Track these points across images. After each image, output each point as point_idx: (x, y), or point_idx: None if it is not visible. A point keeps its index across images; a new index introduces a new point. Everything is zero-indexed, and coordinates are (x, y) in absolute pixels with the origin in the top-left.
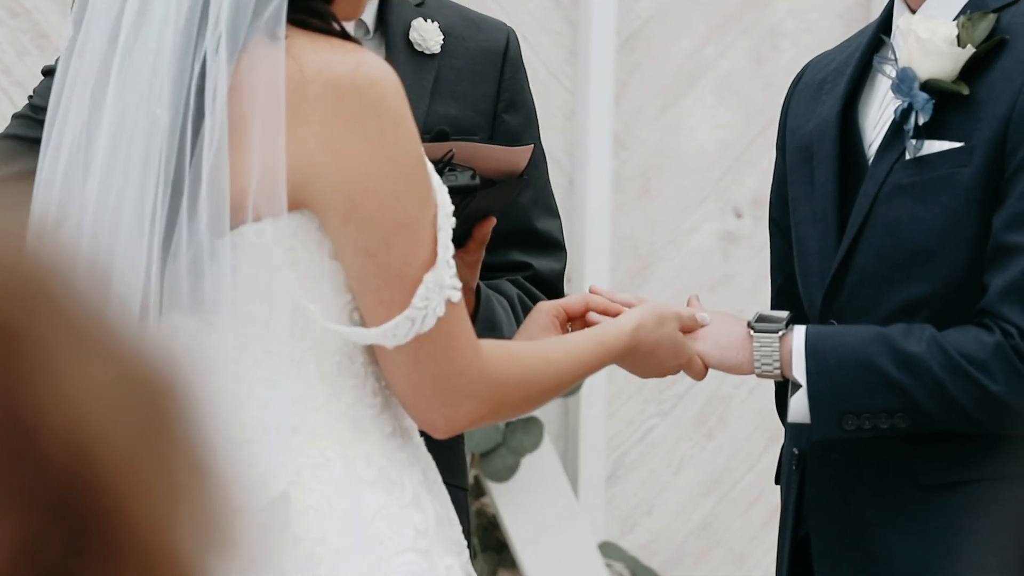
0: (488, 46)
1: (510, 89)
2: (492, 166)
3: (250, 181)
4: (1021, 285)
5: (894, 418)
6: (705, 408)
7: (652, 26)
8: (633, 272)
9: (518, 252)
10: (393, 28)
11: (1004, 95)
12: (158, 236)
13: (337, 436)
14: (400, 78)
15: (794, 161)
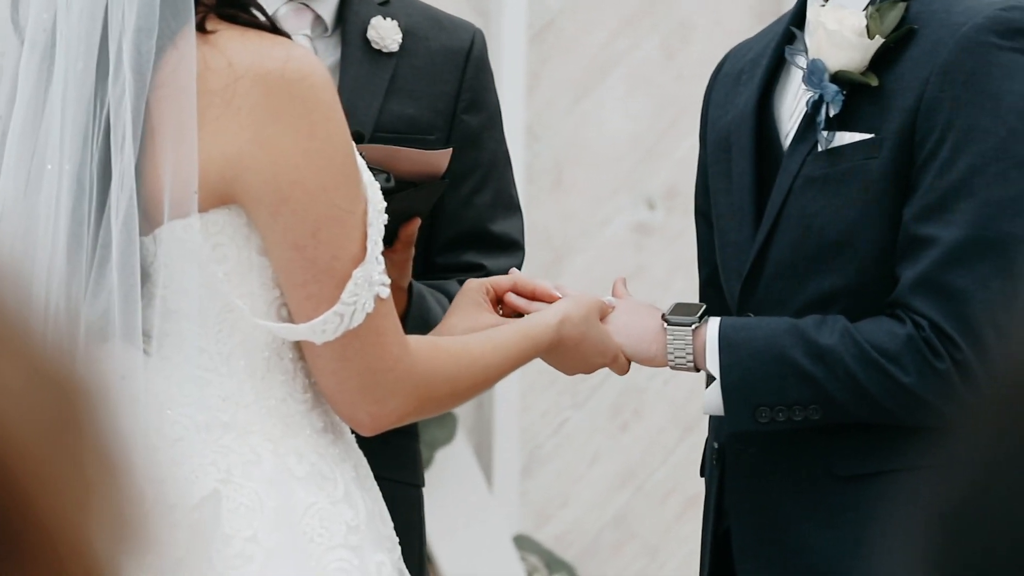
0: (451, 46)
1: (472, 89)
2: (411, 168)
3: (167, 182)
4: (932, 277)
5: (807, 410)
6: (619, 400)
7: (563, 18)
8: (547, 264)
9: (472, 254)
10: (351, 26)
11: (912, 86)
12: (65, 236)
13: (268, 433)
14: (355, 76)
15: (714, 152)
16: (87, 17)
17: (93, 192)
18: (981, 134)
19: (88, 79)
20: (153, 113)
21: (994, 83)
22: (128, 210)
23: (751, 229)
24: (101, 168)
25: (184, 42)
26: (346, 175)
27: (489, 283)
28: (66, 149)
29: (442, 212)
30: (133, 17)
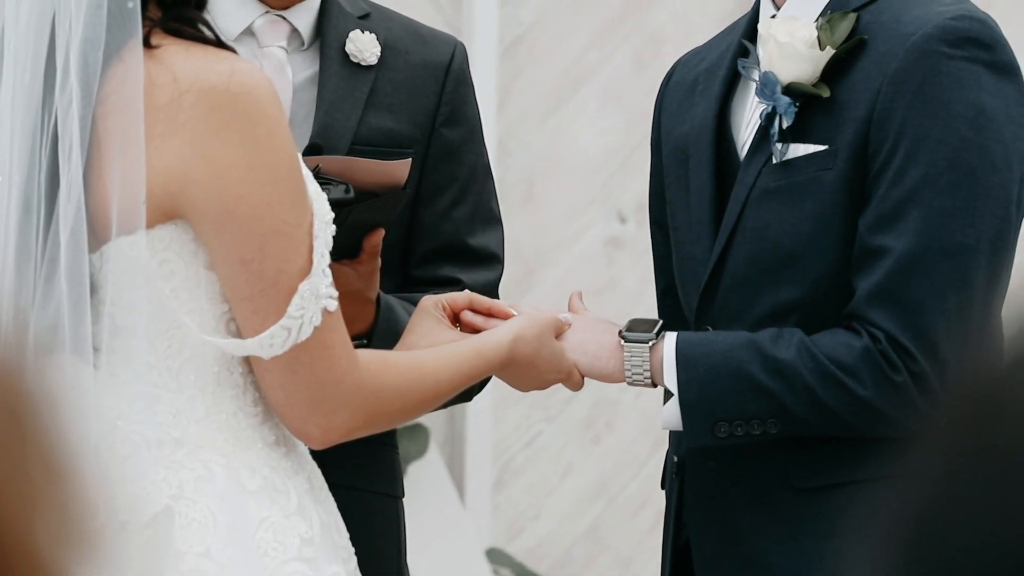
0: (431, 60)
1: (451, 103)
2: (371, 179)
3: (114, 196)
4: (887, 288)
5: (766, 424)
6: (591, 413)
7: (535, 32)
8: (518, 277)
9: (450, 267)
10: (329, 40)
11: (864, 96)
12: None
13: (219, 447)
14: (333, 89)
15: (670, 163)
16: (34, 27)
17: (41, 203)
18: (932, 143)
19: (35, 90)
20: (99, 127)
21: (944, 92)
22: (76, 221)
23: (709, 241)
24: (49, 179)
25: (130, 56)
26: (291, 188)
27: (444, 299)
28: (15, 160)
29: (420, 225)
30: (80, 28)
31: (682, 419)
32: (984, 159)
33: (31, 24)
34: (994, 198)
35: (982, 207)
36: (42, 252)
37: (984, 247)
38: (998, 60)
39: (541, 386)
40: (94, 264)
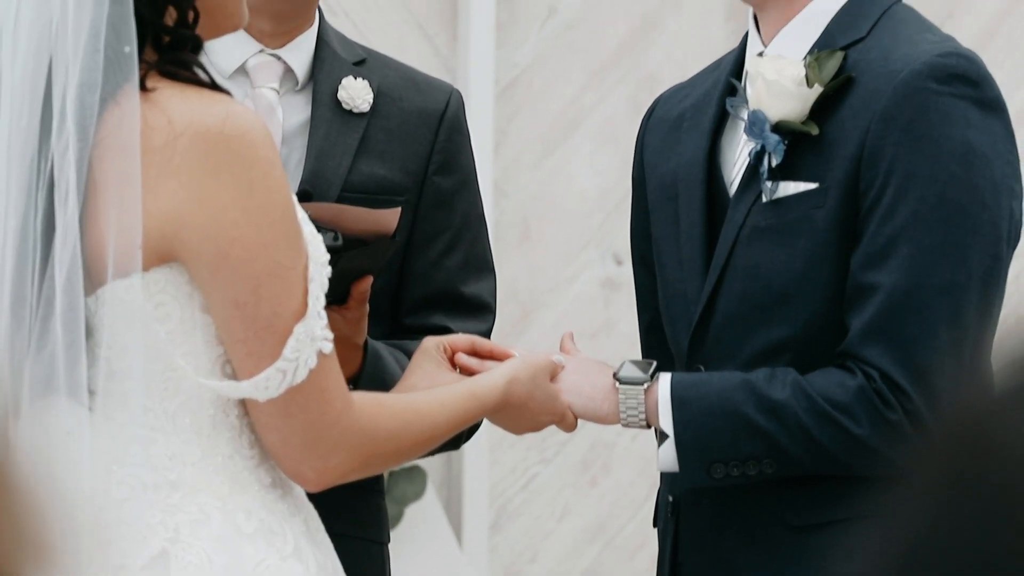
0: (425, 107)
1: (444, 151)
2: (360, 227)
3: (110, 239)
4: (880, 325)
5: (761, 464)
6: (588, 455)
7: (530, 74)
8: (514, 319)
9: (441, 316)
10: (321, 85)
11: (853, 134)
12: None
13: (216, 490)
14: (325, 135)
15: (657, 199)
16: (31, 71)
17: (37, 247)
18: (922, 180)
19: (32, 133)
20: (95, 170)
21: (934, 129)
22: (72, 265)
23: (700, 279)
24: (45, 222)
25: (127, 99)
26: (286, 231)
27: (446, 341)
28: (11, 203)
29: (411, 273)
30: (77, 72)
31: (678, 460)
32: (973, 196)
33: (28, 68)
34: (984, 235)
35: (972, 244)
36: (38, 295)
37: (975, 283)
38: (985, 96)
39: (535, 428)
40: (90, 307)
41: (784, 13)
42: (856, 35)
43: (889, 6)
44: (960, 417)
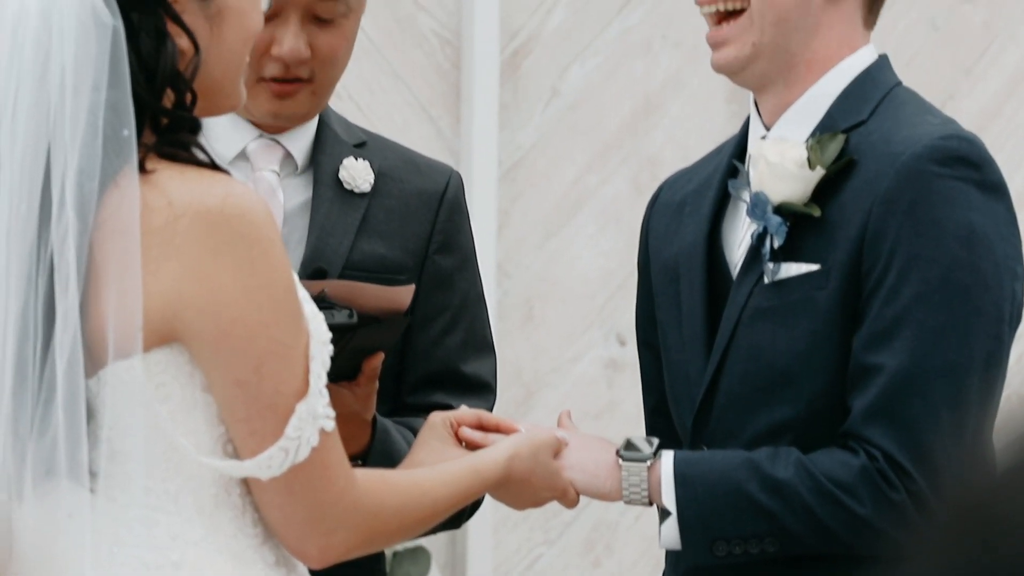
0: (425, 188)
1: (444, 231)
2: (374, 304)
3: (110, 321)
4: (882, 406)
5: (764, 543)
6: (591, 535)
7: (533, 155)
8: (518, 400)
9: (443, 394)
10: (323, 166)
11: (856, 216)
12: (12, 374)
13: (219, 569)
14: (326, 215)
15: (660, 283)
16: (30, 157)
17: (38, 331)
18: (925, 263)
19: (32, 219)
20: (96, 252)
21: (935, 211)
22: (72, 350)
23: (702, 360)
24: (45, 307)
25: (126, 182)
26: (287, 310)
27: (453, 416)
28: (11, 289)
29: (412, 352)
30: (75, 157)
31: (681, 538)
32: (976, 277)
33: (27, 153)
34: (986, 316)
35: (975, 325)
36: (39, 379)
37: (977, 365)
38: (987, 179)
39: (536, 504)
40: (91, 389)
41: (784, 97)
42: (858, 118)
43: (890, 89)
44: (965, 496)
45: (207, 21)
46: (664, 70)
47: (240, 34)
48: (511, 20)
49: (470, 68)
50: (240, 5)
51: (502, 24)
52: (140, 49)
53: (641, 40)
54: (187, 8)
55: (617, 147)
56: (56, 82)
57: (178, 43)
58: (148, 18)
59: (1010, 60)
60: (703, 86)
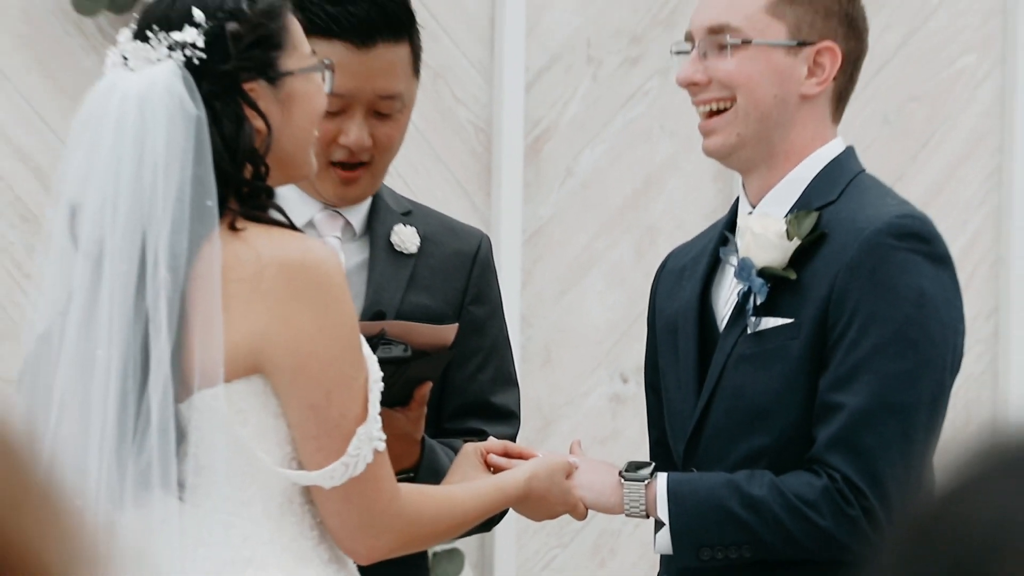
0: (461, 249)
1: (477, 286)
2: (424, 341)
3: (198, 356)
4: (843, 437)
5: (742, 550)
6: (598, 540)
7: (551, 225)
8: (538, 428)
9: (475, 421)
10: (377, 232)
11: (825, 280)
12: (115, 407)
13: (282, 565)
14: (381, 272)
15: (662, 335)
16: (130, 226)
17: (136, 370)
18: (881, 320)
19: (131, 279)
20: (188, 301)
21: (892, 277)
22: (164, 387)
23: (694, 398)
24: (142, 352)
25: (211, 243)
26: (353, 347)
27: (483, 447)
28: (114, 338)
29: (450, 386)
30: (167, 226)
31: (672, 545)
32: (925, 334)
33: (128, 223)
34: (932, 366)
35: (923, 373)
36: (136, 410)
37: (924, 406)
38: (935, 252)
39: (551, 516)
40: (182, 412)
41: (767, 180)
42: (829, 198)
43: (855, 175)
44: (917, 511)
45: (278, 105)
46: (662, 155)
47: (307, 114)
48: (534, 112)
49: (499, 152)
50: (306, 89)
51: (526, 116)
52: (223, 131)
53: (642, 130)
54: (261, 95)
55: (621, 218)
56: (150, 163)
57: (254, 124)
58: (229, 106)
59: (949, 148)
60: (695, 168)
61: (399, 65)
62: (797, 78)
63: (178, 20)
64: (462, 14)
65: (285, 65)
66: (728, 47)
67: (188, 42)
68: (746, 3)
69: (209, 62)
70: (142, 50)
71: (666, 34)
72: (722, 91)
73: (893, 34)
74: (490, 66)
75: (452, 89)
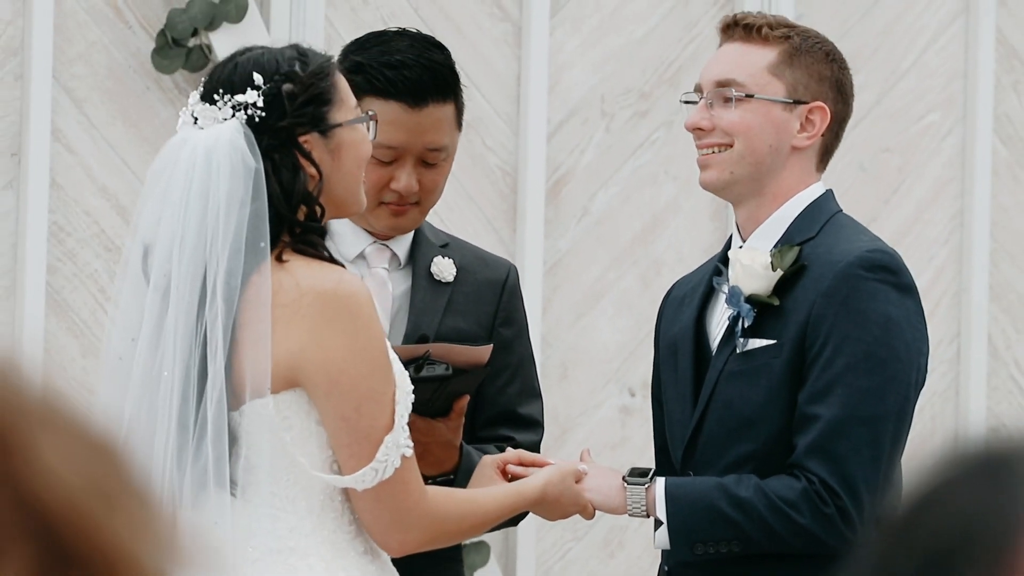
0: (492, 278)
1: (506, 310)
2: (463, 360)
3: (248, 371)
4: (819, 445)
5: (730, 544)
6: (608, 535)
7: (569, 258)
8: (555, 436)
9: (505, 429)
10: (419, 263)
11: (803, 306)
12: (176, 418)
13: (322, 555)
14: (422, 299)
15: (665, 355)
16: (192, 269)
17: (194, 388)
18: (853, 341)
19: (193, 306)
20: (240, 323)
21: (862, 304)
22: (219, 400)
23: (690, 409)
24: (200, 369)
25: (261, 275)
26: (381, 366)
27: (500, 459)
28: (177, 359)
29: (482, 399)
30: (224, 263)
31: (669, 541)
32: (891, 353)
33: (193, 259)
34: (898, 382)
35: (889, 388)
36: (195, 420)
37: (891, 417)
38: (901, 282)
39: (564, 517)
40: (235, 419)
41: (755, 214)
42: (809, 234)
43: (833, 214)
44: (891, 515)
45: (329, 153)
46: (666, 197)
47: (354, 160)
48: (554, 159)
49: (523, 193)
50: (353, 138)
51: (547, 162)
52: (280, 179)
53: (649, 175)
54: (314, 145)
55: (630, 252)
56: (213, 208)
57: (308, 171)
58: (285, 157)
59: (917, 194)
60: (694, 209)
61: (445, 121)
62: (790, 131)
63: (240, 84)
64: (492, 73)
65: (334, 118)
66: (732, 99)
67: (249, 103)
68: (751, 62)
69: (268, 119)
70: (209, 111)
71: (671, 91)
72: (724, 138)
73: (869, 93)
74: (516, 118)
75: (483, 138)
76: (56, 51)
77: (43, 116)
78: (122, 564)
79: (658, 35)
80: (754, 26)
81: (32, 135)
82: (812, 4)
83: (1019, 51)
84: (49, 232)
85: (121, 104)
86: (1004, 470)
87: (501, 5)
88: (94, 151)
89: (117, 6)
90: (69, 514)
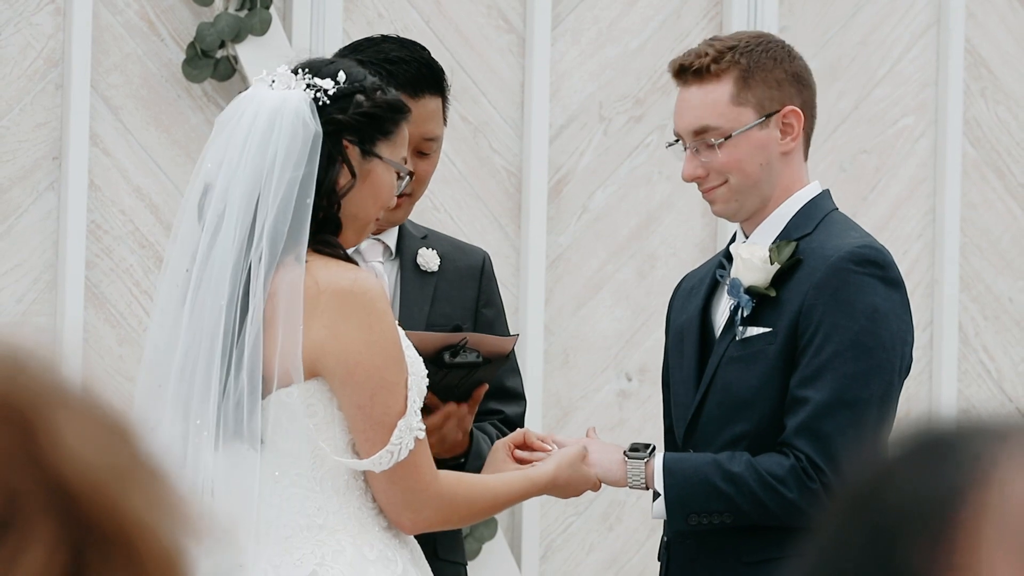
0: (470, 264)
1: (486, 293)
2: (490, 349)
3: (276, 362)
4: (807, 425)
5: (723, 516)
6: (607, 509)
7: (569, 251)
8: (558, 418)
9: (494, 402)
10: (405, 255)
11: (797, 297)
12: (220, 348)
13: (349, 530)
14: (410, 289)
15: (673, 342)
16: (246, 201)
17: (235, 321)
18: (841, 330)
19: (240, 245)
20: (268, 313)
21: (851, 295)
22: (256, 335)
23: (693, 392)
24: (241, 302)
25: (290, 267)
26: (394, 357)
27: (509, 441)
28: (223, 290)
29: None
30: (274, 209)
31: (666, 512)
32: (877, 342)
33: (246, 197)
34: (883, 369)
35: (875, 374)
36: (231, 352)
37: (875, 401)
38: (888, 276)
39: (575, 495)
40: (263, 407)
41: (755, 219)
42: (805, 231)
43: (828, 212)
44: (856, 481)
45: (359, 171)
46: (660, 195)
47: (374, 195)
48: (556, 160)
49: (527, 192)
50: (384, 177)
51: (550, 163)
52: (320, 162)
53: (644, 175)
54: (352, 155)
55: (627, 247)
56: (270, 158)
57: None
58: (326, 147)
59: (892, 192)
60: (686, 206)
61: (437, 113)
62: (774, 142)
63: (325, 72)
64: (498, 81)
65: (380, 149)
66: (715, 144)
67: (323, 87)
68: (714, 102)
69: (329, 108)
70: (287, 78)
71: (664, 98)
72: (719, 178)
73: (847, 100)
74: (520, 123)
75: (489, 141)
76: (94, 62)
77: (82, 122)
78: (140, 537)
79: (651, 46)
80: (703, 68)
81: (72, 140)
82: (794, 17)
83: (987, 60)
84: (88, 230)
85: (154, 111)
86: (946, 449)
87: (506, 18)
88: (129, 155)
89: (150, 20)
90: (89, 491)
